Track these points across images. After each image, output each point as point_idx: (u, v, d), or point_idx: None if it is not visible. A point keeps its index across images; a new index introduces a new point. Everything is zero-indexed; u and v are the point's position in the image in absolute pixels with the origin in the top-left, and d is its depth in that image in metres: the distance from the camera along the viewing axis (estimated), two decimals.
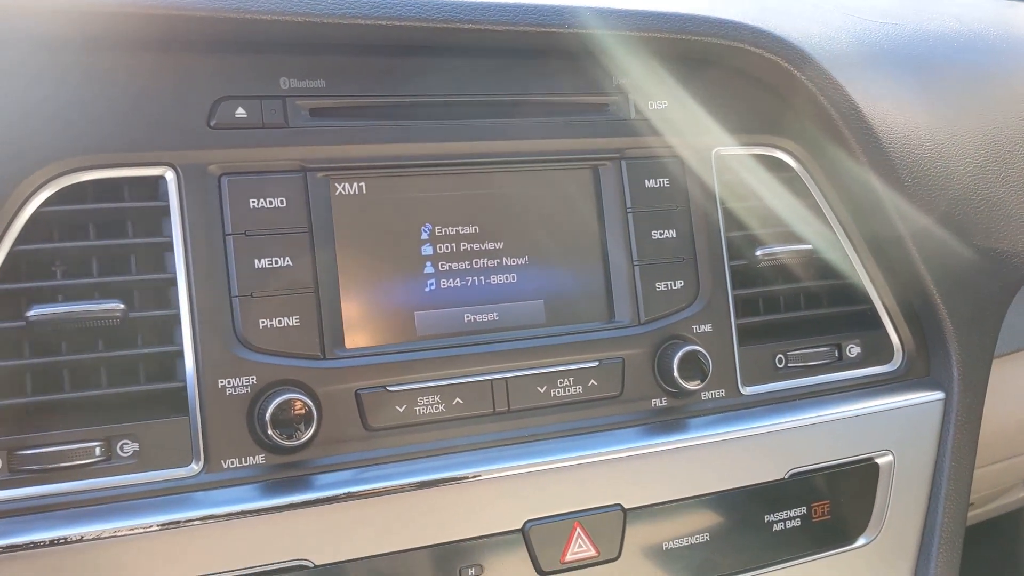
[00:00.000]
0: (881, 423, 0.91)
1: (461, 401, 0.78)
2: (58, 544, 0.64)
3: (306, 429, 0.71)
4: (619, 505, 0.80)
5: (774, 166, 0.93)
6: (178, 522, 0.67)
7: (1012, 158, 1.05)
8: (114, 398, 0.70)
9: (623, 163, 0.85)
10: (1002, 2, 1.26)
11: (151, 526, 0.67)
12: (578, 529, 0.78)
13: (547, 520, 0.77)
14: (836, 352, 0.94)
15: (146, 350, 0.71)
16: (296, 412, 0.71)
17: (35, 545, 0.64)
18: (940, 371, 0.96)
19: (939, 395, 0.94)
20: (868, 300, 0.95)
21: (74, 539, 0.65)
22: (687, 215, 0.87)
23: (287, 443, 0.70)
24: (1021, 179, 1.04)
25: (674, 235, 0.86)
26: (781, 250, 0.91)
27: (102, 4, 0.67)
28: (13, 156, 0.67)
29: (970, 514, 1.55)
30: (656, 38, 0.83)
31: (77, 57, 0.70)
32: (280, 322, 0.73)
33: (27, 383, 0.68)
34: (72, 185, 0.70)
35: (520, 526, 0.77)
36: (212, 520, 0.68)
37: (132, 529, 0.66)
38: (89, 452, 0.68)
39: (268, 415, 0.70)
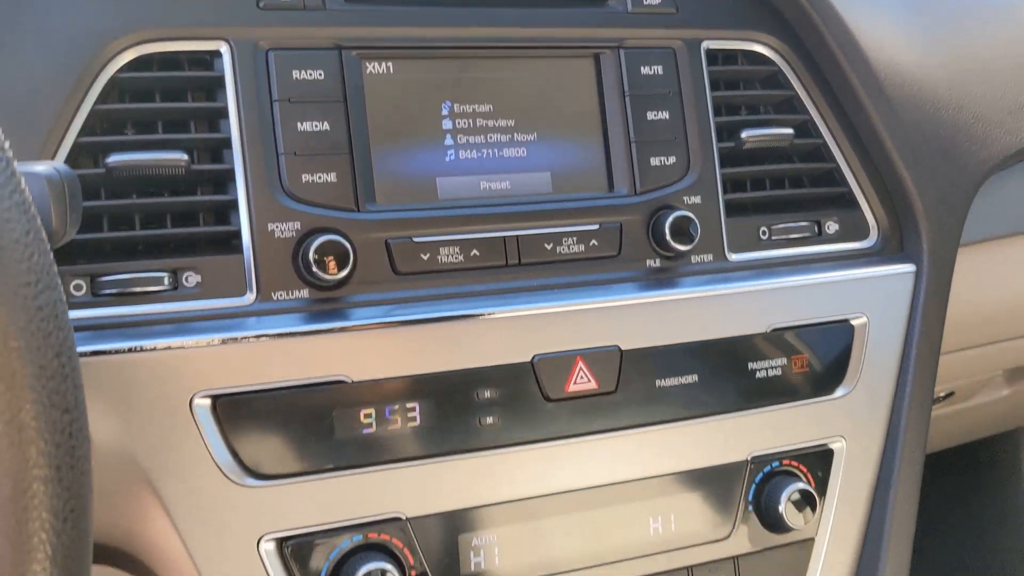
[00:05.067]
0: (856, 290, 1.01)
1: (478, 253, 0.89)
2: (135, 351, 0.76)
3: (343, 268, 0.82)
4: (616, 346, 0.90)
5: (758, 60, 1.03)
6: (236, 338, 0.79)
7: (986, 68, 1.16)
8: (179, 238, 0.82)
9: (621, 52, 0.96)
10: None
11: (214, 340, 0.78)
12: (580, 364, 0.89)
13: (552, 355, 0.88)
14: (816, 228, 1.04)
15: (206, 198, 0.83)
16: (334, 252, 0.82)
17: (116, 352, 0.76)
18: (912, 248, 1.05)
19: (911, 267, 1.04)
20: (846, 183, 1.05)
21: (148, 348, 0.77)
22: (679, 100, 0.98)
23: (328, 277, 0.82)
24: (991, 91, 1.14)
25: (667, 116, 0.97)
26: (764, 133, 1.01)
27: None
28: (96, 26, 0.79)
29: (961, 433, 1.65)
30: None
31: None
32: (320, 178, 0.85)
33: (104, 222, 0.80)
34: (142, 56, 0.81)
35: (529, 359, 0.87)
36: (264, 339, 0.80)
37: (197, 343, 0.78)
38: (159, 281, 0.80)
39: (311, 254, 0.81)
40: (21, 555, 0.41)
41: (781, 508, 0.95)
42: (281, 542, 0.80)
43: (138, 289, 0.79)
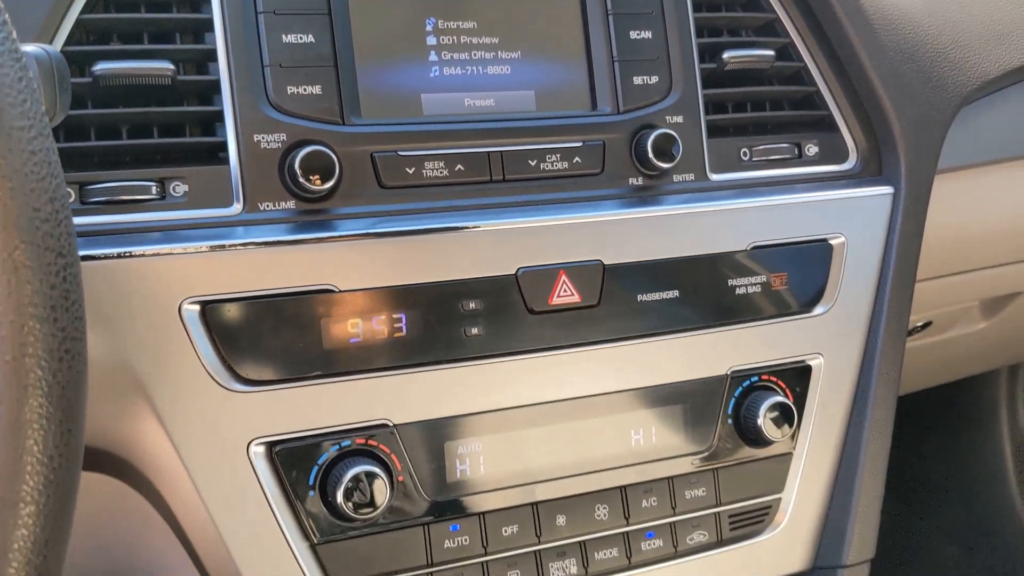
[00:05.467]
0: (835, 210, 1.03)
1: (462, 168, 0.90)
2: (124, 257, 0.77)
3: (328, 180, 0.83)
4: (599, 261, 0.92)
5: None
6: (224, 246, 0.80)
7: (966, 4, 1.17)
8: (166, 149, 0.83)
9: None
10: None
11: (202, 247, 0.79)
12: (563, 277, 0.90)
13: (536, 268, 0.89)
14: (796, 150, 1.05)
15: (192, 108, 0.84)
16: (320, 163, 0.83)
17: (105, 257, 0.77)
18: (890, 171, 1.07)
19: (889, 189, 1.06)
20: (826, 106, 1.06)
21: (137, 254, 0.78)
22: (661, 20, 0.98)
23: (314, 187, 0.82)
24: (971, 18, 1.16)
25: (650, 36, 0.98)
26: (746, 54, 1.02)
27: None
28: None
29: (941, 369, 1.68)
30: None
31: None
32: (305, 90, 0.85)
33: (92, 133, 0.81)
34: None
35: (513, 272, 0.89)
36: (252, 247, 0.81)
37: (185, 249, 0.79)
38: (146, 190, 0.81)
39: (297, 164, 0.82)
40: (18, 392, 0.42)
41: (760, 421, 0.97)
42: (270, 446, 0.82)
43: (126, 197, 0.80)
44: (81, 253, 0.75)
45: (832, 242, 1.02)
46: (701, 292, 0.96)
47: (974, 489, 2.12)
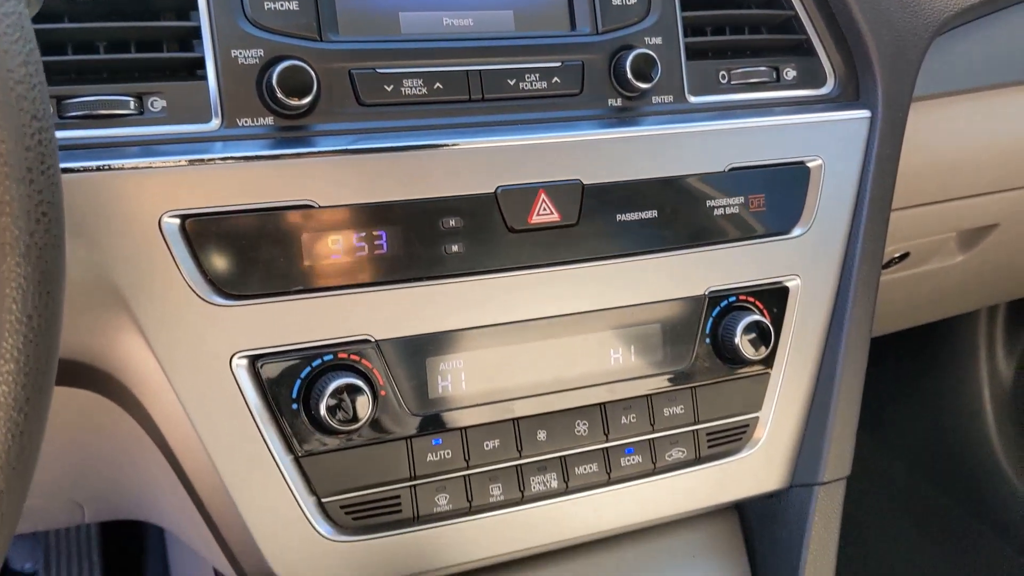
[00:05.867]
0: (812, 133, 1.04)
1: (441, 87, 0.90)
2: (104, 170, 0.77)
3: (306, 96, 0.83)
4: (578, 180, 0.92)
5: None
6: (203, 160, 0.80)
7: None
8: (143, 64, 0.82)
9: None
10: None
11: (181, 161, 0.80)
12: (542, 196, 0.91)
13: (515, 187, 0.90)
14: (774, 74, 1.06)
15: (169, 23, 0.84)
16: (297, 79, 0.83)
17: (84, 170, 0.77)
18: (868, 95, 1.08)
19: (866, 113, 1.06)
20: (804, 31, 1.07)
21: (116, 167, 0.78)
22: None
23: (292, 103, 0.83)
24: None
25: None
26: None
27: None
28: None
29: (920, 305, 1.70)
30: None
31: None
32: (282, 5, 0.85)
33: (68, 47, 0.81)
34: None
35: (492, 190, 0.89)
36: (231, 161, 0.81)
37: (165, 163, 0.79)
38: (124, 104, 0.81)
39: (275, 79, 0.82)
40: None
41: (737, 340, 0.99)
42: (253, 360, 0.83)
43: (104, 111, 0.80)
44: (60, 166, 0.76)
45: (809, 165, 1.03)
46: (679, 213, 0.97)
47: (953, 430, 2.16)
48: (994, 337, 2.18)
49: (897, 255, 1.38)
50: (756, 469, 1.05)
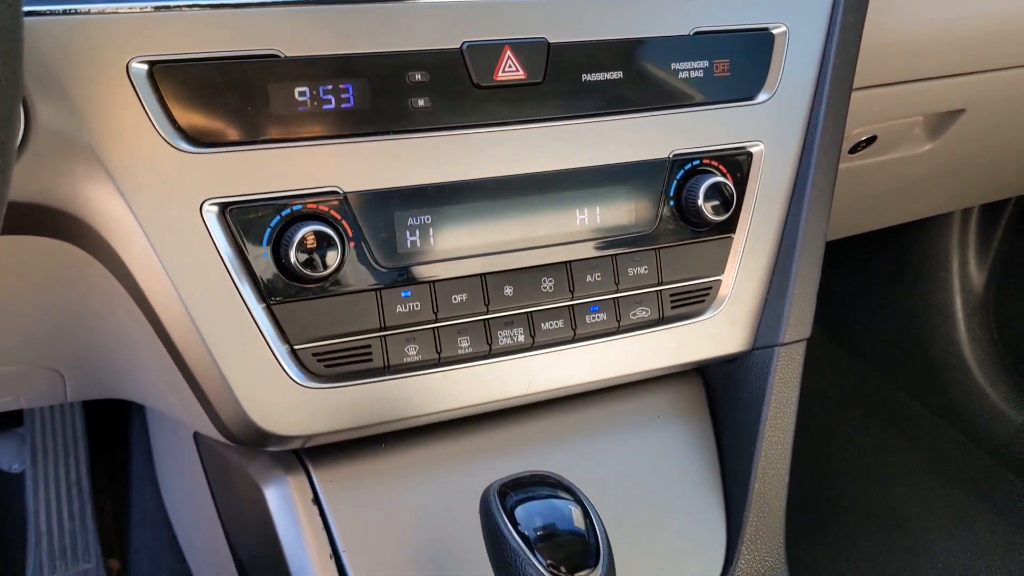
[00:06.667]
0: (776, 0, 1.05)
1: None
2: (69, 14, 0.78)
3: None
4: (544, 38, 0.94)
5: None
6: (169, 6, 0.81)
7: None
8: None
9: None
10: None
11: (147, 7, 0.80)
12: (508, 53, 0.92)
13: (481, 43, 0.91)
14: None
15: None
16: None
17: (50, 13, 0.77)
18: None
19: None
20: None
21: (83, 11, 0.79)
22: None
23: None
24: None
25: None
26: None
27: None
28: None
29: (890, 201, 1.73)
30: None
31: None
32: None
33: None
34: None
35: (458, 46, 0.91)
36: (198, 8, 0.82)
37: (131, 8, 0.80)
38: None
39: None
40: None
41: (699, 202, 1.01)
42: (223, 208, 0.85)
43: None
44: (26, 8, 0.76)
45: (774, 32, 1.05)
46: (644, 75, 0.98)
47: (924, 335, 2.20)
48: (967, 243, 2.21)
49: (864, 138, 1.39)
50: (719, 331, 1.08)
